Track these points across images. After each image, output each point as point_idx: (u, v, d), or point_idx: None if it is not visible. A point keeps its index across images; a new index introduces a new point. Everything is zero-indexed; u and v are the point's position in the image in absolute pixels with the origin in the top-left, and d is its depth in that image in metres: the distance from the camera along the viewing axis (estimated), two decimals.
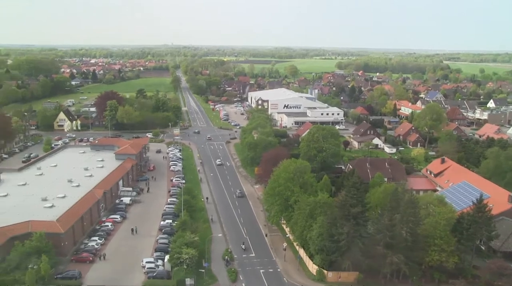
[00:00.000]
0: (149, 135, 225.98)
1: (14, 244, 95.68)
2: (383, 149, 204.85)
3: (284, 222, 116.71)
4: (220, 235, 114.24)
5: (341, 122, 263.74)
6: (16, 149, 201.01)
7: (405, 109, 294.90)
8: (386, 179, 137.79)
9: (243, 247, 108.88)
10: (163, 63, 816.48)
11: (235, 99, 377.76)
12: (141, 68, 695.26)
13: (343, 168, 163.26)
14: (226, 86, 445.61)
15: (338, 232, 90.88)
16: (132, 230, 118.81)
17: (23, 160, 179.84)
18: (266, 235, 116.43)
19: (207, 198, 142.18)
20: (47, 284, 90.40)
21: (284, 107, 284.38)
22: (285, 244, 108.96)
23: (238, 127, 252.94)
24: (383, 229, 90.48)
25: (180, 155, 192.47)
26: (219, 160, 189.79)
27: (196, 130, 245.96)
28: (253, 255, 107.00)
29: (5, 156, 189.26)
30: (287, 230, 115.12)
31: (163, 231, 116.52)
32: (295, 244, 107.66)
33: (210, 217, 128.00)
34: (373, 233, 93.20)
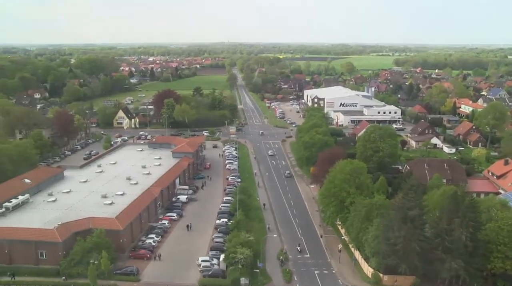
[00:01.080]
0: (205, 133, 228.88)
1: (77, 239, 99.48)
2: (442, 149, 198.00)
3: (340, 223, 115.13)
4: (275, 235, 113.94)
5: (398, 121, 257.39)
6: (78, 146, 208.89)
7: (466, 108, 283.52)
8: (444, 181, 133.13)
9: (298, 248, 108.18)
10: (219, 60, 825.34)
11: (291, 97, 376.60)
12: (198, 66, 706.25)
13: (400, 168, 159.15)
14: (282, 83, 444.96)
15: (395, 235, 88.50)
16: (188, 226, 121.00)
17: (84, 156, 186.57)
18: (321, 236, 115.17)
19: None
20: (107, 279, 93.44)
21: (340, 106, 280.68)
22: (340, 246, 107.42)
23: (293, 125, 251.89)
24: (442, 233, 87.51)
25: (236, 153, 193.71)
26: (271, 151, 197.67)
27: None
28: (308, 256, 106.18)
29: (68, 153, 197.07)
30: (342, 231, 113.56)
31: (218, 229, 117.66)
32: (350, 246, 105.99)
33: (264, 216, 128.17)
34: (431, 237, 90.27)
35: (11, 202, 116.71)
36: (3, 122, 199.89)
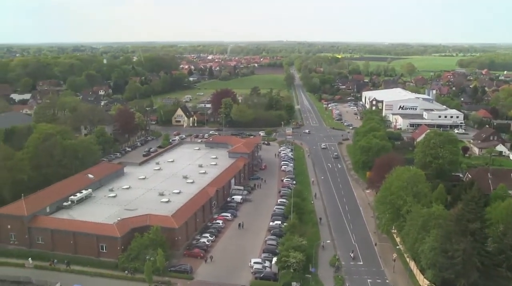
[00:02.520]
0: (262, 133, 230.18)
1: (135, 235, 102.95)
2: (509, 157, 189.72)
3: (395, 231, 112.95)
4: (329, 241, 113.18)
5: (460, 125, 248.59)
6: (138, 143, 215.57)
7: None
8: (511, 192, 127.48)
9: (351, 255, 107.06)
10: (277, 59, 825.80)
11: (349, 98, 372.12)
12: (256, 65, 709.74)
13: (460, 176, 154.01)
14: (340, 84, 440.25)
15: (453, 248, 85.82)
16: (239, 224, 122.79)
17: (144, 153, 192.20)
18: (376, 244, 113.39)
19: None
20: (161, 275, 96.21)
21: (399, 109, 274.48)
22: (395, 255, 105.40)
23: (351, 128, 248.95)
24: (507, 249, 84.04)
25: (292, 154, 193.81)
26: (324, 144, 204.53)
27: (307, 131, 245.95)
28: (361, 263, 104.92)
29: (128, 149, 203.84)
30: (397, 240, 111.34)
31: (272, 232, 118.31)
32: (405, 255, 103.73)
33: (318, 218, 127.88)
34: (494, 253, 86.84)
35: (76, 195, 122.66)
36: (70, 119, 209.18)
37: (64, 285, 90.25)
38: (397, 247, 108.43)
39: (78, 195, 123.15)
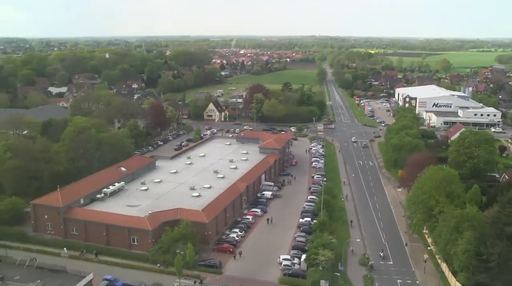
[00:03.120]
0: (293, 129, 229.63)
1: (165, 229, 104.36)
2: None
3: (427, 232, 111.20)
4: (359, 240, 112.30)
5: (498, 124, 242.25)
6: (170, 137, 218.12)
7: None
8: None
9: (381, 254, 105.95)
10: (310, 54, 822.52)
11: (381, 94, 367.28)
12: (288, 60, 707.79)
13: (497, 176, 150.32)
14: (373, 80, 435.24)
15: (488, 252, 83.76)
16: (268, 219, 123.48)
17: (175, 147, 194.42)
18: (406, 244, 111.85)
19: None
20: (191, 269, 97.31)
21: (433, 106, 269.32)
22: (426, 256, 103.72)
23: (383, 125, 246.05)
24: None
25: (323, 151, 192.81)
26: (355, 137, 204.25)
27: (332, 126, 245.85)
28: (391, 263, 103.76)
29: (160, 143, 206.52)
30: (429, 240, 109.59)
31: (301, 228, 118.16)
32: (437, 257, 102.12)
33: (349, 219, 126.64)
34: None
35: (109, 188, 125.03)
36: (104, 112, 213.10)
37: (96, 275, 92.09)
38: (429, 248, 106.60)
39: (111, 187, 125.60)
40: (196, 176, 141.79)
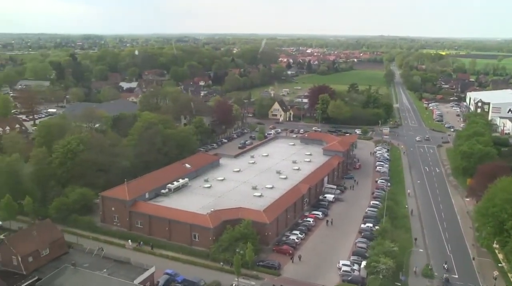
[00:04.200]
0: (358, 132, 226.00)
1: (226, 227, 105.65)
2: None
3: (497, 246, 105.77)
4: (422, 250, 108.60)
5: None
6: (234, 135, 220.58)
7: None
8: None
9: (445, 266, 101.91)
10: (377, 55, 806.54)
11: (451, 98, 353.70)
12: (355, 60, 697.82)
13: None
14: (443, 83, 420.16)
15: None
16: (327, 221, 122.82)
17: (239, 146, 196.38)
18: (474, 258, 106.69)
19: (412, 211, 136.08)
20: (250, 269, 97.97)
21: (508, 112, 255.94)
22: (496, 273, 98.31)
23: (452, 130, 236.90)
24: None
25: (388, 155, 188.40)
26: (419, 137, 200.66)
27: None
28: (456, 276, 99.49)
29: (224, 141, 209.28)
30: (500, 256, 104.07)
31: (362, 234, 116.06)
32: (509, 275, 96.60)
33: (413, 227, 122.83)
34: None
35: (173, 184, 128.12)
36: (172, 108, 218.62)
37: (158, 269, 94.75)
38: (500, 264, 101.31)
39: (175, 183, 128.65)
40: (258, 175, 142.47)
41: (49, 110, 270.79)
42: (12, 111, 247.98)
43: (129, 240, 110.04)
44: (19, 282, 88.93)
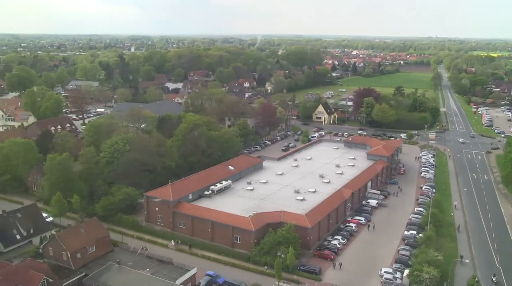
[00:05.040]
0: (403, 136, 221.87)
1: (268, 230, 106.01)
2: None
3: None
4: (468, 261, 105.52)
5: None
6: (278, 137, 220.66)
7: None
8: None
9: (493, 279, 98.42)
10: (425, 57, 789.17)
11: (503, 102, 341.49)
12: (401, 62, 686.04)
13: None
14: (493, 86, 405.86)
15: None
16: (368, 226, 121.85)
17: (283, 148, 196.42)
18: None
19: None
20: (290, 273, 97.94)
21: None
22: None
23: (502, 136, 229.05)
24: None
25: (434, 161, 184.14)
26: (462, 139, 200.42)
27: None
28: None
29: (268, 143, 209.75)
30: None
31: (406, 241, 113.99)
32: None
33: (458, 237, 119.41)
34: None
35: (216, 185, 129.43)
36: (216, 110, 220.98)
37: (199, 270, 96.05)
38: None
39: (218, 185, 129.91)
40: (301, 179, 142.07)
41: (98, 109, 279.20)
42: (63, 110, 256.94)
43: (172, 240, 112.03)
44: (68, 276, 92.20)
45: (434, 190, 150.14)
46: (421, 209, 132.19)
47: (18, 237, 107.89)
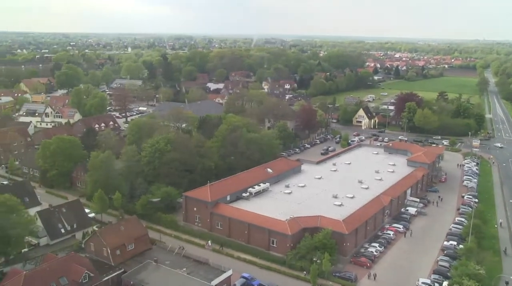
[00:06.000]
0: (445, 143, 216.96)
1: (305, 235, 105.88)
2: None
3: None
4: None
5: None
6: (317, 140, 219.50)
7: None
8: None
9: None
10: (471, 61, 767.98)
11: None
12: (446, 66, 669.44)
13: None
14: None
15: None
16: (405, 233, 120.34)
17: (322, 152, 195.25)
18: None
19: (500, 223, 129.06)
20: (325, 279, 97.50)
21: None
22: None
23: None
24: None
25: (477, 169, 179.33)
26: (500, 144, 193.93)
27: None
28: None
29: (307, 146, 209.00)
30: None
31: (445, 252, 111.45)
32: None
33: (503, 249, 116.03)
34: None
35: (254, 188, 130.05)
36: (256, 111, 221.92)
37: (235, 272, 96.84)
38: None
39: (256, 187, 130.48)
40: (339, 184, 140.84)
41: (140, 108, 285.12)
42: (107, 108, 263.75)
43: (209, 241, 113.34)
44: (108, 272, 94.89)
45: (476, 200, 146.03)
46: (462, 219, 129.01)
47: (62, 231, 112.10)
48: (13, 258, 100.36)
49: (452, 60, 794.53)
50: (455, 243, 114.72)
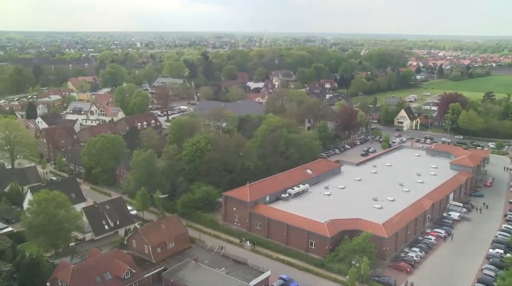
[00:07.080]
0: (491, 145, 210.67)
1: (343, 238, 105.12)
2: None
3: None
4: None
5: None
6: (358, 141, 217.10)
7: None
8: None
9: None
10: None
11: None
12: (493, 65, 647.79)
13: None
14: None
15: None
16: (445, 238, 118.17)
17: (362, 153, 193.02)
18: None
19: None
20: (364, 283, 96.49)
21: None
22: None
23: None
24: None
25: None
26: None
27: None
28: None
29: (347, 147, 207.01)
30: None
31: (490, 260, 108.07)
32: None
33: None
34: None
35: (293, 189, 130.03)
36: (296, 111, 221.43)
37: (273, 273, 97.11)
38: None
39: (296, 188, 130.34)
40: (380, 186, 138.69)
41: (181, 107, 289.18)
42: (149, 107, 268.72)
43: (248, 241, 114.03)
44: (149, 269, 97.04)
45: None
46: (510, 226, 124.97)
47: (106, 227, 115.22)
48: (61, 251, 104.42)
49: (501, 58, 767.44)
50: (501, 251, 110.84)
